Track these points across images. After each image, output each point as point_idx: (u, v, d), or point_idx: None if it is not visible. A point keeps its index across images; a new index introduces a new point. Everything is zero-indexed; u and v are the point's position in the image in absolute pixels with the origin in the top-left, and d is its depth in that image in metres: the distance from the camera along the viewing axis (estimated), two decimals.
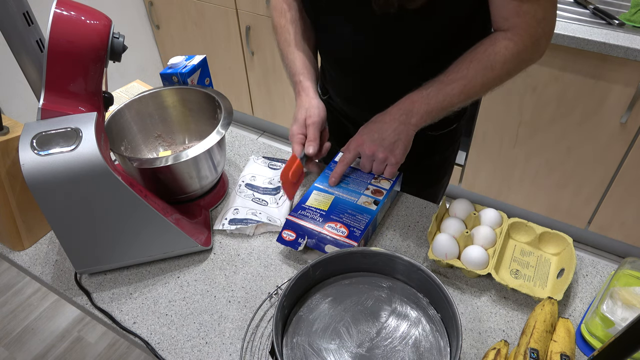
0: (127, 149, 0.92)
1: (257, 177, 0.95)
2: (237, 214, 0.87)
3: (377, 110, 0.86)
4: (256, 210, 0.88)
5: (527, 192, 1.87)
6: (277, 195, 0.92)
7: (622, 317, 0.65)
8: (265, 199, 0.91)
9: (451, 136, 1.03)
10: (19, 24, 0.73)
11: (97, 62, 0.70)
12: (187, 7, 2.24)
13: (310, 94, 0.92)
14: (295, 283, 0.68)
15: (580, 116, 1.57)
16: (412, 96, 0.81)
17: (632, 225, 1.72)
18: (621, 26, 1.45)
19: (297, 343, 0.66)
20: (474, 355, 0.69)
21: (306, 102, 0.91)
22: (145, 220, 0.75)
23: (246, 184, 0.94)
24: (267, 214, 0.87)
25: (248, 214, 0.87)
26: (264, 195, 0.91)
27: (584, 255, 0.82)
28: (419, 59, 0.84)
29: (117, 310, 0.76)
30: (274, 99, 2.32)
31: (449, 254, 0.77)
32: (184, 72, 0.94)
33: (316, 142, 0.89)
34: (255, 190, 0.92)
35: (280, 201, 0.91)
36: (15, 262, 0.85)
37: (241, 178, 0.95)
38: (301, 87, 0.92)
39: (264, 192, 0.92)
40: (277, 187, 0.93)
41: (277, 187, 0.93)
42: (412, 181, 0.97)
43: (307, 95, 0.92)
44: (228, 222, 0.85)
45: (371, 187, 0.87)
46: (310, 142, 0.89)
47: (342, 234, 0.79)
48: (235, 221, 0.85)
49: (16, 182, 0.79)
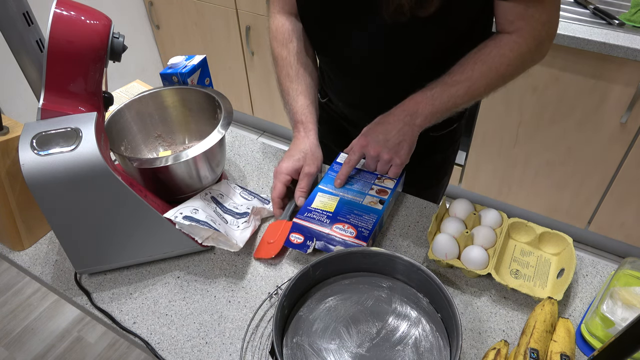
0: (127, 149, 0.92)
1: (225, 197, 0.89)
2: (196, 213, 0.79)
3: (378, 113, 0.86)
4: (216, 220, 0.81)
5: (527, 192, 1.87)
6: (241, 220, 0.85)
7: (622, 317, 0.65)
8: (226, 217, 0.85)
9: (451, 136, 1.03)
10: (19, 24, 0.73)
11: (97, 62, 0.70)
12: (187, 7, 2.24)
13: (311, 137, 0.90)
14: (295, 283, 0.68)
15: (580, 116, 1.57)
16: (416, 97, 0.81)
17: (632, 225, 1.72)
18: (621, 26, 1.45)
19: (297, 343, 0.66)
20: (474, 355, 0.69)
21: (306, 145, 0.89)
22: (145, 220, 0.75)
23: (212, 196, 0.87)
24: (226, 229, 0.81)
25: (207, 218, 0.79)
26: (226, 215, 0.85)
27: (584, 255, 0.82)
28: (425, 63, 0.84)
29: (117, 310, 0.76)
30: (274, 99, 2.32)
31: (449, 254, 0.77)
32: (184, 72, 0.94)
33: (306, 194, 0.87)
34: (220, 207, 0.86)
35: (242, 226, 0.84)
36: (15, 262, 0.85)
37: (208, 189, 0.89)
38: (303, 127, 0.90)
39: (226, 212, 0.86)
40: (244, 213, 0.87)
41: (243, 212, 0.87)
42: (413, 181, 0.97)
43: (308, 138, 0.89)
44: (182, 217, 0.76)
45: (375, 187, 0.87)
46: (302, 193, 0.87)
47: (351, 235, 0.79)
48: (191, 219, 0.77)
49: (16, 182, 0.79)
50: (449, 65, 0.80)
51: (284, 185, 0.87)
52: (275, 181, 0.88)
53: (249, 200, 0.91)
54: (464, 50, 0.79)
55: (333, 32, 0.87)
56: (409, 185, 0.95)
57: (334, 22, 0.85)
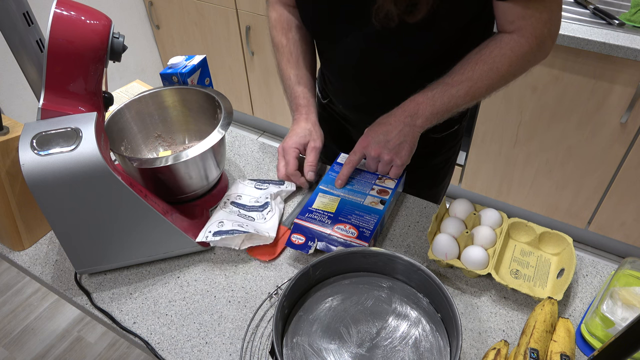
0: (127, 149, 0.92)
1: (243, 196, 0.91)
2: (222, 226, 0.81)
3: (379, 114, 0.86)
4: (242, 223, 0.83)
5: (527, 192, 1.87)
6: (265, 211, 0.87)
7: (622, 317, 0.65)
8: (252, 215, 0.86)
9: (453, 138, 1.03)
10: (19, 24, 0.73)
11: (97, 62, 0.70)
12: (187, 7, 2.24)
13: (312, 119, 0.92)
14: (295, 283, 0.68)
15: (580, 116, 1.57)
16: (417, 98, 0.81)
17: (632, 225, 1.72)
18: (621, 26, 1.45)
19: (297, 343, 0.66)
20: (474, 355, 0.69)
21: (309, 124, 0.91)
22: (145, 220, 0.75)
23: (232, 202, 0.89)
24: (254, 227, 0.83)
25: (234, 225, 0.81)
26: (251, 212, 0.87)
27: (584, 255, 0.82)
28: (423, 65, 0.84)
29: (117, 310, 0.76)
30: (274, 99, 2.32)
31: (449, 254, 0.77)
32: (184, 72, 0.94)
33: (315, 169, 0.90)
34: (241, 208, 0.88)
35: (268, 216, 0.87)
36: (15, 262, 0.85)
37: (225, 197, 0.91)
38: (305, 110, 0.92)
39: (250, 210, 0.88)
40: (265, 203, 0.89)
41: (264, 204, 0.89)
42: (414, 183, 0.97)
43: (309, 119, 0.92)
44: (212, 234, 0.80)
45: (376, 187, 0.87)
46: (312, 167, 0.89)
47: (352, 235, 0.79)
48: (220, 233, 0.80)
49: (16, 182, 0.79)
50: (447, 66, 0.80)
51: (296, 159, 0.89)
52: (286, 158, 0.89)
53: (265, 189, 0.92)
54: (465, 50, 0.79)
55: (329, 33, 0.87)
56: (409, 186, 0.95)
57: (330, 23, 0.85)
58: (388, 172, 0.88)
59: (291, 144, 0.89)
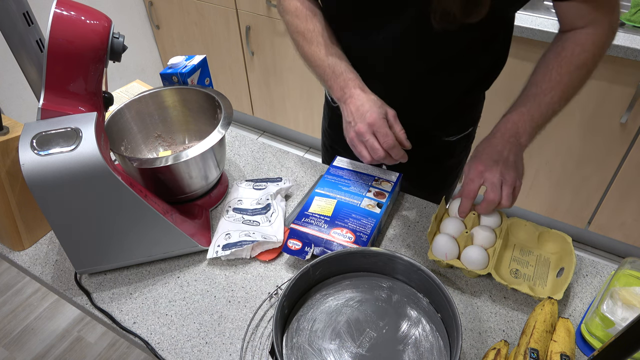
0: (127, 149, 0.92)
1: (243, 200, 0.90)
2: (230, 238, 0.82)
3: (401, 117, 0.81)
4: (249, 231, 0.83)
5: (527, 192, 1.87)
6: (269, 213, 0.87)
7: (622, 317, 0.65)
8: (256, 219, 0.86)
9: (466, 140, 1.03)
10: (19, 24, 0.73)
11: (97, 62, 0.70)
12: (187, 7, 2.24)
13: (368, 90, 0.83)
14: (295, 283, 0.68)
15: (580, 116, 1.57)
16: (512, 118, 0.79)
17: (632, 225, 1.72)
18: (621, 26, 1.45)
19: (297, 343, 0.66)
20: (474, 355, 0.69)
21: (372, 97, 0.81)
22: (145, 220, 0.75)
23: (233, 208, 0.89)
24: (261, 233, 0.83)
25: (241, 236, 0.82)
26: (254, 216, 0.87)
27: (584, 255, 0.82)
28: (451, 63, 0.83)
29: (117, 310, 0.76)
30: (274, 99, 2.32)
31: (449, 254, 0.77)
32: (184, 72, 0.94)
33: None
34: (244, 213, 0.87)
35: (272, 218, 0.86)
36: (15, 262, 0.85)
37: (227, 204, 0.90)
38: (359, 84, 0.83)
39: (253, 214, 0.87)
40: (267, 205, 0.88)
41: (266, 205, 0.88)
42: (425, 186, 0.95)
43: (365, 91, 0.82)
44: (221, 249, 0.81)
45: (373, 190, 0.87)
46: (405, 134, 0.79)
47: (349, 240, 0.78)
48: (228, 246, 0.81)
49: (16, 182, 0.79)
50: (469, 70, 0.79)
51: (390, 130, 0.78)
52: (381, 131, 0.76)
53: (264, 189, 0.92)
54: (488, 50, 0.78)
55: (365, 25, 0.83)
56: (420, 189, 0.93)
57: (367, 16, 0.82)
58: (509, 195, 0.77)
59: (377, 116, 0.76)
